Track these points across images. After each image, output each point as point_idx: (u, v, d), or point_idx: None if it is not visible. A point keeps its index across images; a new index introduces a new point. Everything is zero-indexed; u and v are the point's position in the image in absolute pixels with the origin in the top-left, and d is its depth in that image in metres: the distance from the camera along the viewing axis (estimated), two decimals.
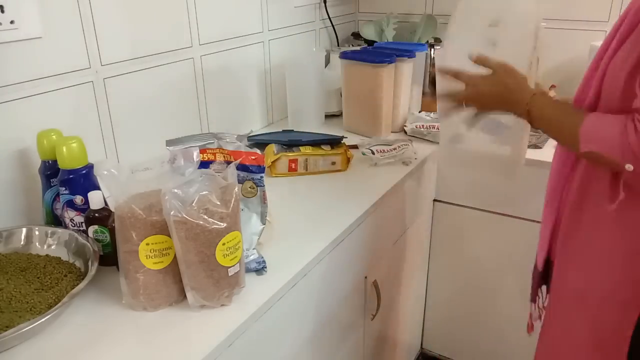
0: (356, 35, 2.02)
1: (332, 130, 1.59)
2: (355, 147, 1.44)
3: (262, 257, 0.94)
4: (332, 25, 1.90)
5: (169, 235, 0.81)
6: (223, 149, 0.93)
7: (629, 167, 0.75)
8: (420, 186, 1.48)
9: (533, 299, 1.11)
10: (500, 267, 1.59)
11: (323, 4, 1.82)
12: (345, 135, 1.43)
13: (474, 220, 1.58)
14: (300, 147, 1.33)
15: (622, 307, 0.86)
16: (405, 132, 1.59)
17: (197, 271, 0.81)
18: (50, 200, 0.97)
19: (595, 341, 0.91)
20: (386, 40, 1.88)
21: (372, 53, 1.58)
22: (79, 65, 1.07)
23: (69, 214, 0.94)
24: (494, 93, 0.96)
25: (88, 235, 0.92)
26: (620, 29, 0.83)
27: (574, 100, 0.92)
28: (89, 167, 0.93)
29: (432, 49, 1.73)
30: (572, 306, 0.95)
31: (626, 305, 0.86)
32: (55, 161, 0.93)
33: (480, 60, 0.99)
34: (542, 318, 1.09)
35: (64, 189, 0.93)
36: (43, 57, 1.00)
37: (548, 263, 1.03)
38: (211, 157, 0.91)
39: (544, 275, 1.05)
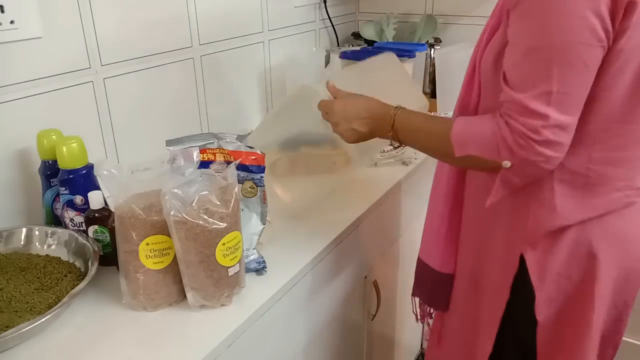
0: (356, 35, 2.02)
1: None
2: None
3: (262, 257, 0.94)
4: (332, 25, 1.90)
5: (169, 235, 0.81)
6: (223, 149, 0.93)
7: (506, 163, 0.75)
8: (420, 186, 1.48)
9: (438, 308, 1.13)
10: None
11: (323, 4, 1.82)
12: None
13: None
14: (301, 147, 1.33)
15: (495, 291, 0.92)
16: None
17: (197, 271, 0.81)
18: (50, 200, 0.97)
19: (476, 324, 0.98)
20: (386, 40, 1.88)
21: (372, 53, 1.58)
22: (79, 65, 1.07)
23: (69, 214, 0.94)
24: (354, 110, 0.94)
25: (88, 235, 0.92)
26: (488, 26, 0.86)
27: (459, 105, 0.93)
28: (89, 167, 0.93)
29: (432, 49, 1.73)
30: (470, 296, 1.01)
31: (498, 289, 0.91)
32: (55, 161, 0.93)
33: (332, 89, 1.01)
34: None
35: (64, 189, 0.93)
36: (43, 57, 1.00)
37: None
38: (211, 157, 0.91)
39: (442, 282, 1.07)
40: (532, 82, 0.72)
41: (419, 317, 1.18)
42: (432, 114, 1.63)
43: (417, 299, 1.16)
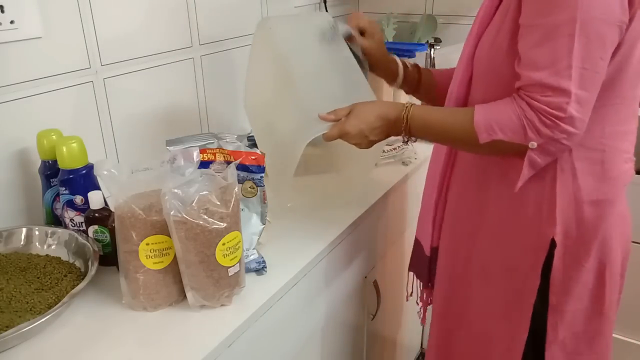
0: None
1: None
2: None
3: (262, 257, 0.94)
4: None
5: (169, 235, 0.81)
6: (223, 149, 0.93)
7: (533, 144, 0.76)
8: (420, 186, 1.48)
9: (426, 284, 1.17)
10: None
11: (323, 4, 1.82)
12: None
13: None
14: None
15: (523, 277, 0.92)
16: None
17: (197, 271, 0.81)
18: (50, 200, 0.97)
19: (502, 310, 0.97)
20: (386, 40, 1.88)
21: None
22: (79, 65, 1.07)
23: (69, 214, 0.94)
24: (367, 124, 0.91)
25: (88, 235, 0.92)
26: (478, 18, 0.89)
27: (453, 99, 0.95)
28: (89, 167, 0.93)
29: (432, 49, 1.73)
30: (477, 280, 1.01)
31: (527, 274, 0.92)
32: (55, 161, 0.93)
33: (329, 118, 0.95)
34: (425, 298, 1.20)
35: (64, 189, 0.93)
36: (43, 57, 1.00)
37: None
38: (211, 157, 0.91)
39: (430, 260, 1.12)
40: (553, 59, 0.73)
41: (409, 292, 1.23)
42: None
43: (412, 274, 1.21)
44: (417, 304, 1.25)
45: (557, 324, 0.93)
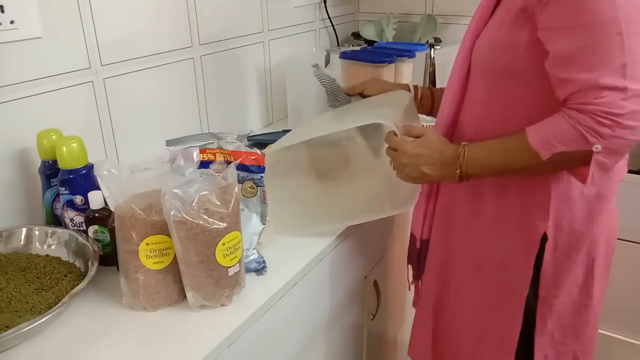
0: (356, 35, 2.01)
1: None
2: None
3: (262, 257, 0.94)
4: (332, 25, 1.90)
5: (169, 235, 0.81)
6: (223, 149, 0.93)
7: (597, 147, 0.74)
8: None
9: (418, 276, 1.19)
10: None
11: (323, 4, 1.82)
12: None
13: None
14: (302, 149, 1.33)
15: (516, 270, 0.94)
16: None
17: (197, 271, 0.81)
18: (50, 200, 0.97)
19: (495, 303, 0.99)
20: (386, 40, 1.88)
21: (372, 53, 1.58)
22: (79, 65, 1.07)
23: (69, 214, 0.94)
24: (427, 150, 0.90)
25: (88, 235, 0.92)
26: (475, 17, 0.92)
27: (450, 99, 0.96)
28: (89, 167, 0.93)
29: (432, 49, 1.73)
30: (469, 273, 1.02)
31: (520, 268, 0.93)
32: (55, 161, 0.93)
33: (405, 130, 0.94)
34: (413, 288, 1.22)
35: (64, 189, 0.93)
36: (43, 57, 1.00)
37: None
38: (211, 157, 0.92)
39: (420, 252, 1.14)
40: (604, 59, 0.72)
41: (410, 282, 1.24)
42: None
43: (410, 267, 1.22)
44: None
45: (545, 316, 0.95)
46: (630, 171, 1.31)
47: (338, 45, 1.95)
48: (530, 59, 0.82)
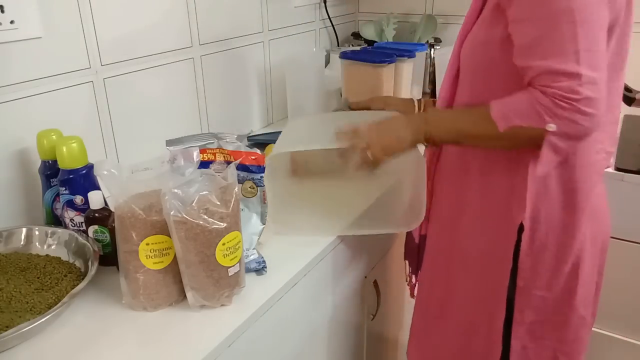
0: (356, 35, 2.02)
1: None
2: None
3: (262, 257, 0.94)
4: (332, 25, 1.90)
5: (169, 235, 0.80)
6: (223, 149, 0.93)
7: (551, 126, 0.78)
8: None
9: (415, 271, 1.21)
10: None
11: (323, 4, 1.82)
12: None
13: None
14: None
15: (498, 262, 0.96)
16: None
17: (197, 271, 0.81)
18: (50, 200, 0.97)
19: (480, 296, 1.00)
20: (386, 40, 1.88)
21: (372, 53, 1.58)
22: (79, 65, 1.07)
23: (69, 214, 0.94)
24: (381, 123, 0.93)
25: (88, 235, 0.92)
26: (467, 14, 0.93)
27: (442, 91, 0.98)
28: (89, 167, 0.93)
29: (432, 49, 1.73)
30: (457, 267, 1.04)
31: (501, 259, 0.95)
32: (55, 161, 0.93)
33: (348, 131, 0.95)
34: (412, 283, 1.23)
35: (64, 189, 0.93)
36: (43, 57, 1.00)
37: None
38: (211, 157, 0.92)
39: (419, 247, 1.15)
40: (558, 47, 0.76)
41: (408, 279, 1.26)
42: None
43: (407, 262, 1.25)
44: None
45: (524, 307, 0.96)
46: (630, 171, 1.31)
47: (338, 45, 1.95)
48: (504, 54, 0.84)
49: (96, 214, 0.91)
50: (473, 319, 1.03)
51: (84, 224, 0.93)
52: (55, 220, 0.99)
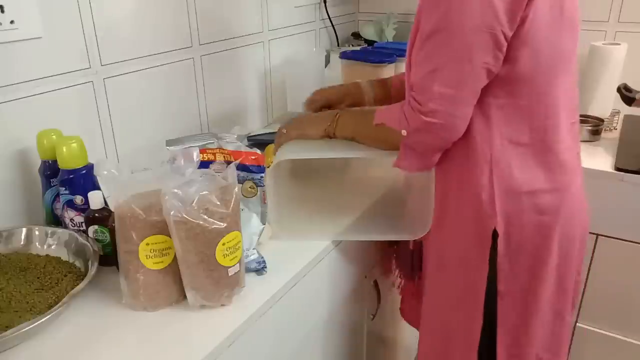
0: (356, 35, 2.02)
1: None
2: None
3: (262, 257, 0.94)
4: (332, 25, 1.90)
5: (169, 235, 0.81)
6: (223, 149, 0.93)
7: (403, 132, 0.88)
8: None
9: (412, 277, 1.21)
10: None
11: (323, 4, 1.82)
12: None
13: None
14: None
15: (474, 267, 0.96)
16: None
17: (197, 271, 0.81)
18: (50, 200, 0.97)
19: (457, 301, 1.01)
20: (386, 40, 1.88)
21: (372, 53, 1.58)
22: (79, 65, 1.07)
23: (69, 214, 0.94)
24: (305, 119, 1.08)
25: (88, 235, 0.92)
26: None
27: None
28: (89, 167, 0.93)
29: None
30: (435, 273, 1.05)
31: (477, 265, 0.95)
32: (55, 161, 0.93)
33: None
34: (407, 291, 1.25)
35: (64, 189, 0.93)
36: (43, 57, 1.00)
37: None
38: (211, 157, 0.92)
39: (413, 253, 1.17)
40: (422, 63, 0.85)
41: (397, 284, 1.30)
42: None
43: (397, 271, 1.27)
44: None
45: (507, 312, 0.96)
46: (630, 171, 1.31)
47: (338, 45, 1.95)
48: None
49: (96, 214, 0.91)
50: (450, 324, 1.03)
51: (84, 224, 0.93)
52: (55, 220, 0.99)
